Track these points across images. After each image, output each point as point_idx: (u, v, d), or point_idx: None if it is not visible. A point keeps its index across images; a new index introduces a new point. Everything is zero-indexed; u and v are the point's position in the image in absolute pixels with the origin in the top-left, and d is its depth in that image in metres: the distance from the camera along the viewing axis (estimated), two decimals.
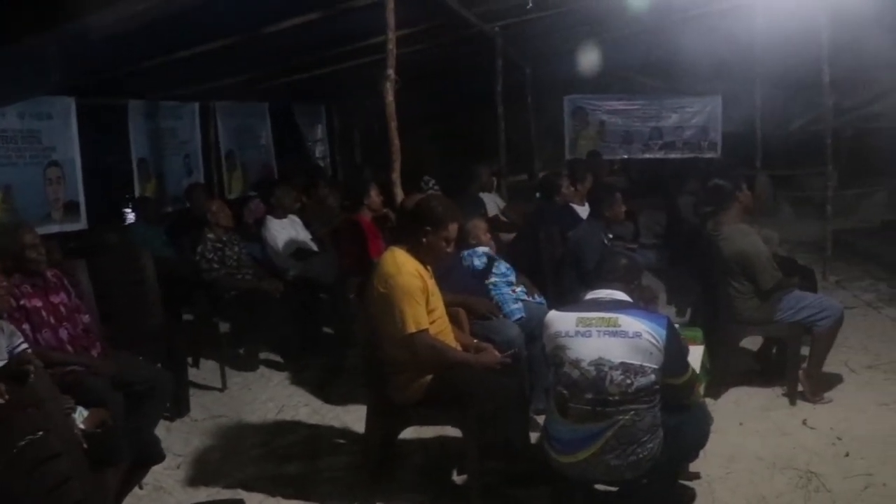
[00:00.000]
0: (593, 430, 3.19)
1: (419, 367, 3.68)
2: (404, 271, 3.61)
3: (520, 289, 4.93)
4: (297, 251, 6.62)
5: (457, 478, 4.04)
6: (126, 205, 8.53)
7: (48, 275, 4.19)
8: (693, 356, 3.96)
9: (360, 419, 4.28)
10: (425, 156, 10.44)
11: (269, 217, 6.72)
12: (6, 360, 3.44)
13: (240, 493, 3.94)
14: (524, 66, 10.79)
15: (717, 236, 4.87)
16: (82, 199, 6.86)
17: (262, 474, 4.20)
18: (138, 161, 7.90)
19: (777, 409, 4.73)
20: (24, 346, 3.62)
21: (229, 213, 6.23)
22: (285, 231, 6.66)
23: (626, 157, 11.93)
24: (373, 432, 4.03)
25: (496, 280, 4.83)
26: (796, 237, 9.87)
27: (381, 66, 4.90)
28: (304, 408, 5.13)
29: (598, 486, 3.54)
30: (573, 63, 10.97)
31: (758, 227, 5.09)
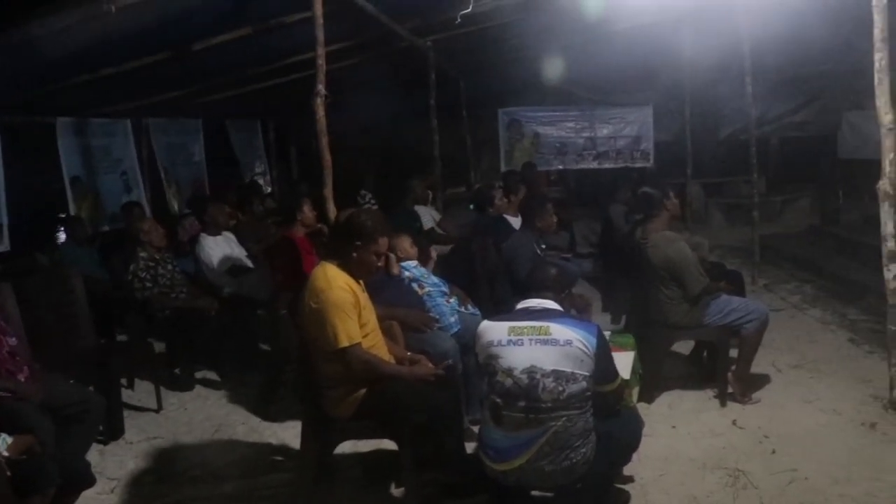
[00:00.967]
0: (527, 436, 3.23)
1: (353, 381, 3.68)
2: (335, 286, 3.61)
3: (453, 300, 4.96)
4: (232, 268, 6.54)
5: (395, 490, 4.05)
6: (58, 225, 8.32)
7: None
8: (624, 362, 4.05)
9: (297, 435, 4.24)
10: (362, 170, 10.46)
11: (203, 234, 6.64)
12: None
13: None
14: (459, 80, 10.88)
15: (646, 244, 4.98)
16: (5, 221, 6.60)
17: (199, 495, 4.14)
18: (72, 179, 7.65)
19: (708, 410, 4.86)
20: None
21: (162, 232, 6.13)
22: (220, 248, 6.58)
23: (561, 167, 12.13)
24: (308, 448, 4.00)
25: (430, 290, 4.86)
26: (728, 243, 10.19)
27: (313, 81, 4.88)
28: (242, 426, 5.08)
29: (535, 493, 3.59)
30: (507, 76, 11.13)
31: (688, 234, 5.24)
